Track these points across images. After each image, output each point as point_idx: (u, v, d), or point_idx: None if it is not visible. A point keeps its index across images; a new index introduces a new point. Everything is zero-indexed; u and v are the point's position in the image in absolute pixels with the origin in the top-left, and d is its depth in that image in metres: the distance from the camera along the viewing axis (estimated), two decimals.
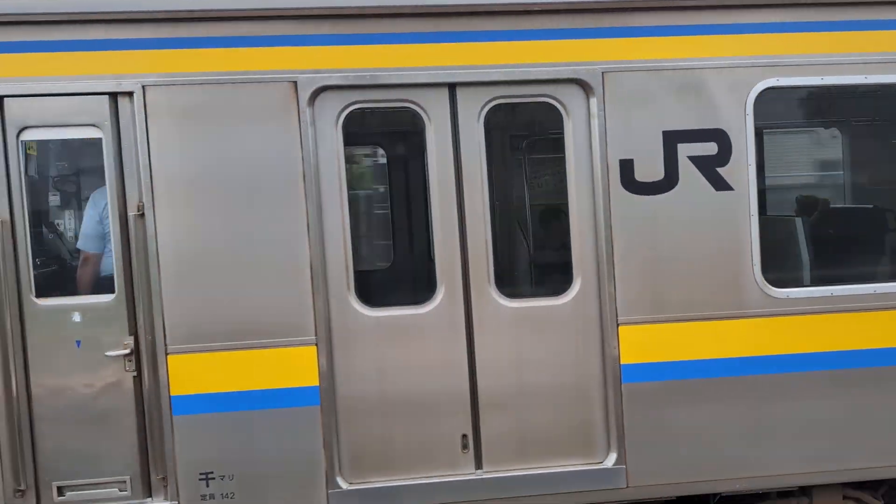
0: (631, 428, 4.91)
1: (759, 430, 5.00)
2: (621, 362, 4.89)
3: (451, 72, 4.76)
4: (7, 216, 4.47)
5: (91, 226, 4.80)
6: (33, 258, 4.56)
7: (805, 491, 5.30)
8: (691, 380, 4.96)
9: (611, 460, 4.94)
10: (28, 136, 4.51)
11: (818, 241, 5.65)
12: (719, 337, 4.97)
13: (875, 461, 5.15)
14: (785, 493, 5.32)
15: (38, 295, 4.55)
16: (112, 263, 4.76)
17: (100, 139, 4.55)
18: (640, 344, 4.91)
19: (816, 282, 5.24)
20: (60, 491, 4.59)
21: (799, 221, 5.50)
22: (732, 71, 4.93)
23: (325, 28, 4.64)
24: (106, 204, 4.73)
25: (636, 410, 4.91)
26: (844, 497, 5.35)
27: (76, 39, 4.49)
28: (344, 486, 4.75)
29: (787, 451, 5.03)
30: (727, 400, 4.97)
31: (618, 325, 4.89)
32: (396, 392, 4.82)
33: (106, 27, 4.49)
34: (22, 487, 4.53)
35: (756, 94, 4.94)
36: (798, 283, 5.18)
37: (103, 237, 4.80)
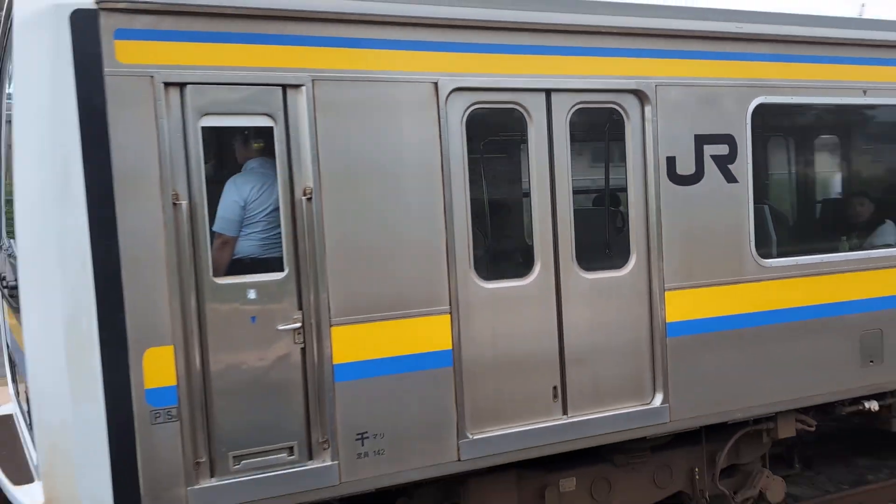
0: (672, 374, 6.10)
1: (757, 369, 6.43)
2: (667, 321, 6.07)
3: (548, 80, 5.64)
4: (187, 199, 4.64)
5: (232, 209, 5.04)
6: (211, 239, 4.76)
7: (771, 417, 6.84)
8: (714, 332, 6.26)
9: (657, 401, 6.10)
10: (207, 122, 4.70)
11: (781, 223, 7.23)
12: (730, 297, 6.32)
13: (820, 390, 6.80)
14: (757, 420, 6.81)
15: (216, 274, 4.76)
16: (248, 246, 5.06)
17: (271, 128, 4.85)
18: (679, 306, 6.12)
19: (783, 255, 6.77)
20: (236, 460, 4.83)
21: (766, 209, 7.00)
22: (738, 89, 6.30)
23: (460, 37, 5.31)
24: (252, 188, 5.02)
25: (676, 359, 6.12)
26: (796, 420, 6.97)
27: (253, 33, 4.77)
28: (470, 436, 5.45)
29: (773, 385, 6.51)
30: (737, 347, 6.34)
31: (664, 291, 6.05)
32: (504, 353, 5.60)
33: (282, 23, 4.82)
34: (202, 459, 4.72)
35: (753, 108, 6.35)
36: (772, 256, 6.66)
37: (241, 221, 5.06)
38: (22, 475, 5.00)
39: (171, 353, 4.59)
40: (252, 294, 4.83)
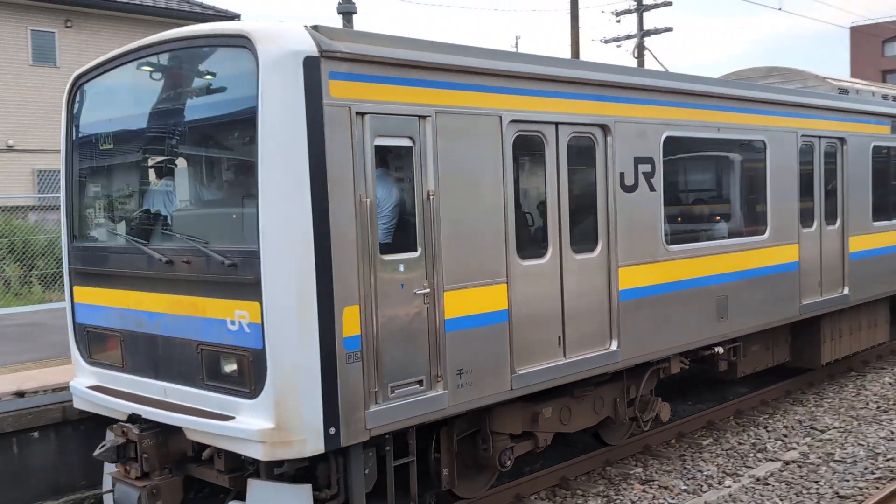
0: (622, 328, 8.62)
1: (663, 324, 9.14)
2: (619, 289, 8.58)
3: (557, 115, 7.93)
4: (368, 198, 6.32)
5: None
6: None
7: (666, 359, 9.62)
8: (645, 297, 8.88)
9: (614, 346, 8.59)
10: (378, 142, 6.41)
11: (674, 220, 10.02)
12: (652, 272, 8.97)
13: (696, 338, 9.68)
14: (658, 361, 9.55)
15: (381, 252, 6.49)
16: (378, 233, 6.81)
17: (410, 147, 6.67)
18: (626, 279, 8.67)
19: (677, 243, 9.56)
20: (392, 389, 6.55)
21: (663, 210, 9.72)
22: (656, 126, 9.00)
23: (514, 84, 7.43)
24: (381, 190, 6.74)
25: (625, 317, 8.64)
26: (680, 361, 9.85)
27: (405, 77, 6.58)
28: (518, 371, 7.58)
29: (671, 335, 9.27)
30: (654, 308, 8.99)
31: (618, 268, 8.57)
32: (533, 311, 7.76)
33: (420, 71, 6.66)
34: (374, 389, 6.41)
35: (664, 139, 9.08)
36: (673, 244, 9.43)
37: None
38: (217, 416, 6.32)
39: (358, 311, 6.26)
40: (401, 267, 6.61)
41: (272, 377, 6.01)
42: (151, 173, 7.51)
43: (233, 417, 6.22)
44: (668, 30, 21.76)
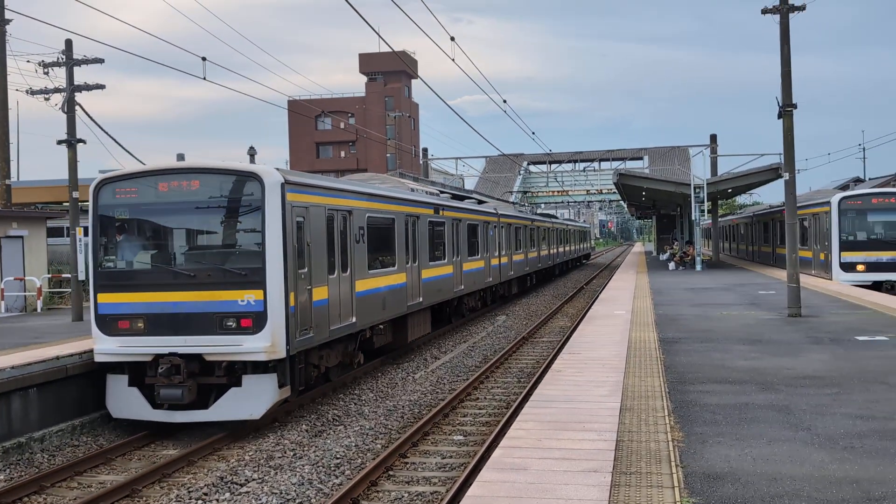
0: (357, 310, 17.00)
1: (371, 309, 17.59)
2: (356, 291, 17.01)
3: (340, 206, 16.14)
4: (295, 243, 13.92)
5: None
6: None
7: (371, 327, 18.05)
8: (363, 296, 17.33)
9: (354, 319, 16.93)
10: (297, 219, 13.95)
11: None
12: (366, 283, 17.45)
13: (379, 319, 18.33)
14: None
15: (299, 268, 14.11)
16: None
17: (301, 222, 14.41)
18: (359, 286, 17.20)
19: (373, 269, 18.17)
20: (300, 332, 13.92)
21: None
22: (363, 210, 17.68)
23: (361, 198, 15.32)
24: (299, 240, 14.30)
25: (358, 305, 16.97)
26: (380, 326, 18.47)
27: (323, 191, 14.16)
28: (331, 328, 15.46)
29: (374, 316, 17.72)
30: (367, 301, 17.31)
31: (355, 281, 16.99)
32: (335, 300, 15.65)
33: (325, 192, 14.30)
34: (296, 330, 13.86)
35: (367, 217, 17.75)
36: (371, 269, 18.04)
37: None
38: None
39: (294, 295, 13.69)
40: (302, 275, 14.16)
41: (269, 324, 12.29)
42: (176, 233, 13.19)
43: (240, 345, 12.46)
44: (101, 87, 20.97)
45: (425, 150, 63.39)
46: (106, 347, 12.90)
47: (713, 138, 55.22)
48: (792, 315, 17.56)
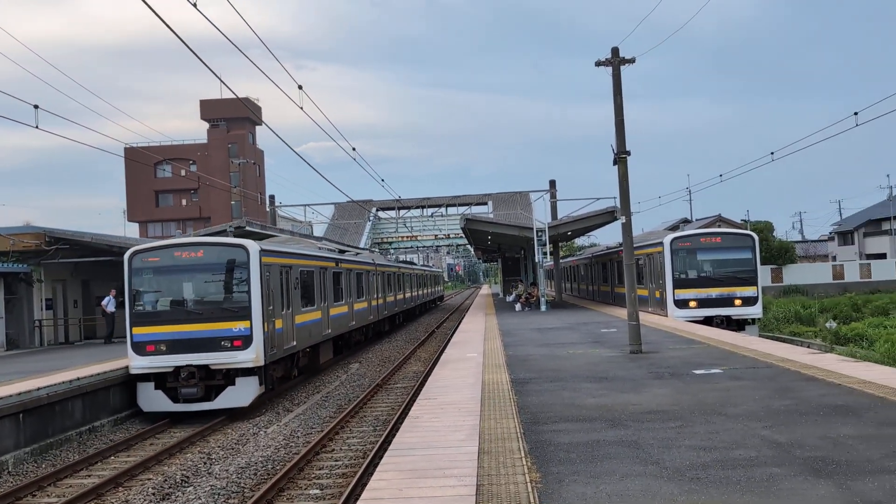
0: (297, 336, 16.89)
1: (302, 336, 17.93)
2: (295, 323, 17.01)
3: (283, 265, 15.99)
4: (269, 289, 13.50)
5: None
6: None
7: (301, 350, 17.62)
8: (300, 327, 19.00)
9: (294, 343, 16.58)
10: (267, 275, 16.24)
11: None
12: (300, 318, 17.40)
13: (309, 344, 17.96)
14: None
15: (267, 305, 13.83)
16: None
17: (267, 276, 14.31)
18: (298, 320, 17.11)
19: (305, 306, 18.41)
20: (271, 347, 18.93)
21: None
22: (296, 265, 17.57)
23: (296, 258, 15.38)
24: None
25: (297, 332, 19.20)
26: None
27: (281, 252, 14.01)
28: (283, 347, 15.05)
29: (306, 342, 18.23)
30: (301, 330, 19.20)
31: (294, 315, 16.85)
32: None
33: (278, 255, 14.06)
34: (270, 346, 13.64)
35: (299, 270, 17.74)
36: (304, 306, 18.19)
37: None
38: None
39: (268, 323, 13.69)
40: (271, 310, 14.18)
41: (255, 343, 18.31)
42: (187, 285, 18.80)
43: (236, 358, 18.28)
44: None
45: (272, 197, 62.44)
46: (139, 364, 18.75)
47: (552, 184, 57.43)
48: (633, 352, 18.31)
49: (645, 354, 17.98)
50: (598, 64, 19.44)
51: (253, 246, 18.53)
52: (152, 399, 18.65)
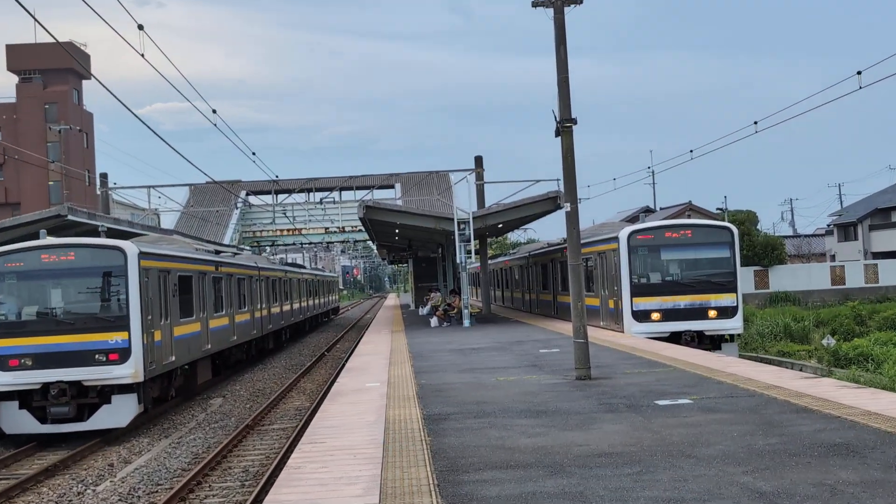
0: (175, 349, 17.20)
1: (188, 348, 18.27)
2: (174, 336, 17.54)
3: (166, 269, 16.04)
4: (149, 296, 13.85)
5: None
6: None
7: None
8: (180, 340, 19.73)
9: (173, 358, 16.78)
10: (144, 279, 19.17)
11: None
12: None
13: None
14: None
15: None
16: None
17: (146, 281, 15.05)
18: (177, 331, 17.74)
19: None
20: (151, 363, 21.63)
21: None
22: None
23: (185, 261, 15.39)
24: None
25: (176, 345, 22.15)
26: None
27: (156, 258, 14.47)
28: (170, 359, 14.84)
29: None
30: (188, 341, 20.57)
31: (173, 326, 17.02)
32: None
33: (160, 258, 14.21)
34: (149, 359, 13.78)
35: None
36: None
37: None
38: None
39: (146, 334, 14.10)
40: (149, 319, 14.73)
41: (133, 356, 20.74)
42: (55, 291, 21.07)
43: (112, 373, 20.61)
44: None
45: (104, 176, 61.05)
46: (1, 381, 20.42)
47: (478, 161, 57.87)
48: (580, 378, 18.57)
49: (595, 381, 18.26)
50: (536, 5, 19.62)
51: (131, 248, 20.92)
52: (17, 420, 20.38)
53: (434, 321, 40.51)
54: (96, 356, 20.37)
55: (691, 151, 40.63)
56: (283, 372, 34.38)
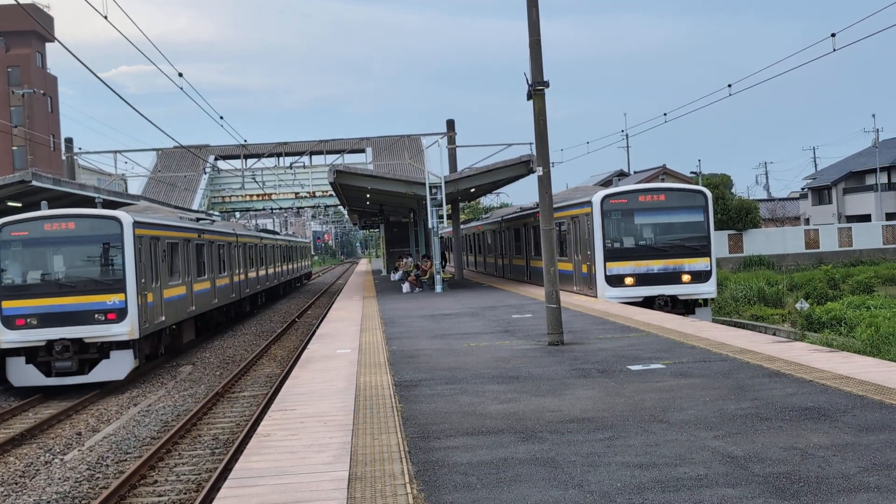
0: (165, 310, 16.91)
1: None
2: (164, 297, 17.05)
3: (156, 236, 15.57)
4: (142, 261, 13.25)
5: None
6: None
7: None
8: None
9: (163, 318, 16.49)
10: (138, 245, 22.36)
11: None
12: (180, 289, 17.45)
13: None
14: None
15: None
16: None
17: (140, 247, 14.77)
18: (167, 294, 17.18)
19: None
20: (146, 322, 23.86)
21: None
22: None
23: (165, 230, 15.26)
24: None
25: (166, 306, 23.88)
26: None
27: (149, 226, 13.97)
28: (160, 319, 14.59)
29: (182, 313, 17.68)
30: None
31: (164, 289, 16.73)
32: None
33: (153, 227, 13.86)
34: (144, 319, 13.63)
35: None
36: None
37: None
38: None
39: (142, 295, 14.21)
40: (143, 281, 14.51)
41: (129, 316, 23.67)
42: (58, 258, 24.21)
43: (111, 331, 23.52)
44: None
45: (69, 140, 60.46)
46: (9, 338, 23.21)
47: (450, 125, 57.79)
48: (553, 343, 18.66)
49: (567, 346, 18.35)
50: None
51: (126, 217, 23.89)
52: (23, 374, 23.34)
53: (406, 287, 40.51)
54: (96, 316, 23.17)
55: (665, 114, 40.69)
56: (254, 339, 34.41)
